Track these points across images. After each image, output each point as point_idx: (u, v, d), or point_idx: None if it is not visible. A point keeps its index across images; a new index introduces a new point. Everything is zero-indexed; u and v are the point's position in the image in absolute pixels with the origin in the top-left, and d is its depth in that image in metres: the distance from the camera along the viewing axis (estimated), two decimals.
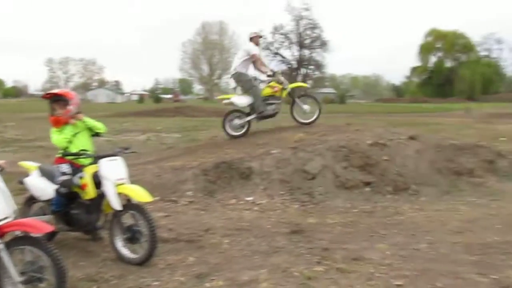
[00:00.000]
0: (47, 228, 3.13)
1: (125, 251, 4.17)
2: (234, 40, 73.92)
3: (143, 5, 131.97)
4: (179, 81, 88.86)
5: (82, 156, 4.38)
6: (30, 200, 4.72)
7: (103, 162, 4.24)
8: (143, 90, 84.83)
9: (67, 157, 4.44)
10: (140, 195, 4.12)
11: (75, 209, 4.39)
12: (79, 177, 4.35)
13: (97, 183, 4.25)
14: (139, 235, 4.09)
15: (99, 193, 4.27)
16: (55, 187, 4.39)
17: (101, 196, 4.28)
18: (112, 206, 4.16)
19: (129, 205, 4.19)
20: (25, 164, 4.78)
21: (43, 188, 4.49)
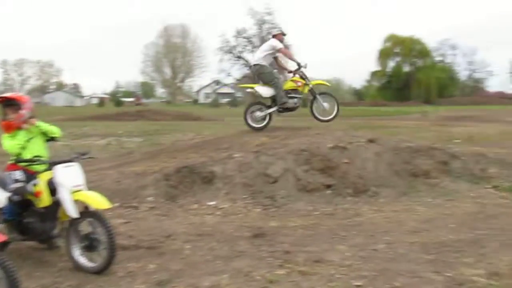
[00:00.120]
0: None
1: (82, 260, 4.04)
2: (197, 43, 73.70)
3: (104, 4, 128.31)
4: (141, 84, 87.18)
5: (36, 162, 4.22)
6: None
7: (59, 168, 4.11)
8: (104, 93, 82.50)
9: (20, 164, 4.27)
10: (97, 201, 4.01)
11: (29, 218, 4.22)
12: (33, 184, 4.20)
13: (53, 190, 4.11)
14: (97, 243, 3.97)
15: (55, 200, 4.12)
16: (8, 194, 4.20)
17: (56, 203, 4.13)
18: (68, 213, 4.03)
19: (86, 212, 4.07)
20: None
21: None
